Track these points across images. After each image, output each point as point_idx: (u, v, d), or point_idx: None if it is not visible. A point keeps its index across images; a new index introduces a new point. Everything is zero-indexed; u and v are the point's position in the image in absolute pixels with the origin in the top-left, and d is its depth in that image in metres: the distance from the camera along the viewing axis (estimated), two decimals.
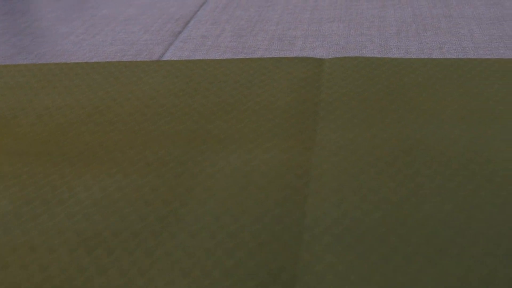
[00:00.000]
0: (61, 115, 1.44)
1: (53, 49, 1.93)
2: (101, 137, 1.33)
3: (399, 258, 0.90)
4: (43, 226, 1.04)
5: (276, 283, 0.87)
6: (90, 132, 1.35)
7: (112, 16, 2.24)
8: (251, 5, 2.24)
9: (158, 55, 1.82)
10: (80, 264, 0.95)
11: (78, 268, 0.94)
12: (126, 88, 1.56)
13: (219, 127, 1.32)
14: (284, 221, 1.00)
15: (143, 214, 1.06)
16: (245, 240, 0.96)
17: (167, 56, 1.79)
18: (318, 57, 1.69)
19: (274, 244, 0.95)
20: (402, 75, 1.49)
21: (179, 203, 1.08)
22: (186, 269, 0.92)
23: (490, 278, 0.85)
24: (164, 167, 1.19)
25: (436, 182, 1.07)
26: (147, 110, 1.43)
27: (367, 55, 1.67)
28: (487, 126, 1.24)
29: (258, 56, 1.73)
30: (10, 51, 1.93)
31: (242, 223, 1.00)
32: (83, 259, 0.96)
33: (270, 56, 1.72)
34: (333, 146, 1.20)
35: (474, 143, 1.18)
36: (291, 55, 1.72)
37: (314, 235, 0.96)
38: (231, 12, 2.17)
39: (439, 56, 1.64)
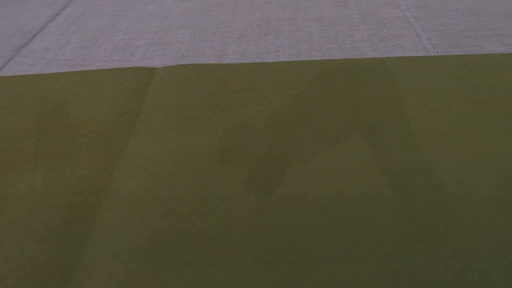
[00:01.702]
0: None
1: None
2: None
3: (168, 272, 0.90)
4: None
5: None
6: None
7: None
8: (105, 14, 2.20)
9: None
10: None
11: None
12: None
13: (30, 145, 1.28)
14: (66, 242, 0.97)
15: None
16: (20, 265, 0.93)
17: (3, 73, 1.73)
18: (155, 66, 1.67)
19: (50, 267, 0.92)
20: (226, 81, 1.50)
21: None
22: None
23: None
24: None
25: (229, 189, 1.07)
26: None
27: (203, 62, 1.67)
28: (295, 128, 1.26)
29: (95, 68, 1.70)
30: None
31: (22, 247, 0.97)
32: None
33: (107, 68, 1.69)
34: (139, 158, 1.19)
35: (277, 148, 1.19)
36: (129, 65, 1.70)
37: (93, 254, 0.94)
38: (82, 22, 2.13)
39: (273, 59, 1.66)
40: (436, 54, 1.63)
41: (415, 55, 1.63)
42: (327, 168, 1.11)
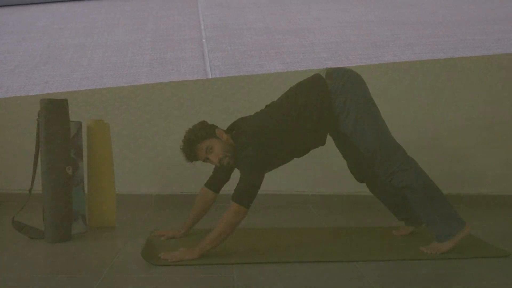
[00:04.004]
0: None
1: None
2: None
3: None
4: None
5: None
6: None
7: None
8: None
9: None
10: None
11: None
12: None
13: None
14: None
15: None
16: None
17: None
18: None
19: None
20: None
21: None
22: None
23: None
24: None
25: None
26: None
27: None
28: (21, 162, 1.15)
29: None
30: None
31: None
32: None
33: None
34: None
35: None
36: None
37: None
38: None
39: (39, 92, 1.54)
40: (211, 77, 1.57)
41: (190, 79, 1.56)
42: None
